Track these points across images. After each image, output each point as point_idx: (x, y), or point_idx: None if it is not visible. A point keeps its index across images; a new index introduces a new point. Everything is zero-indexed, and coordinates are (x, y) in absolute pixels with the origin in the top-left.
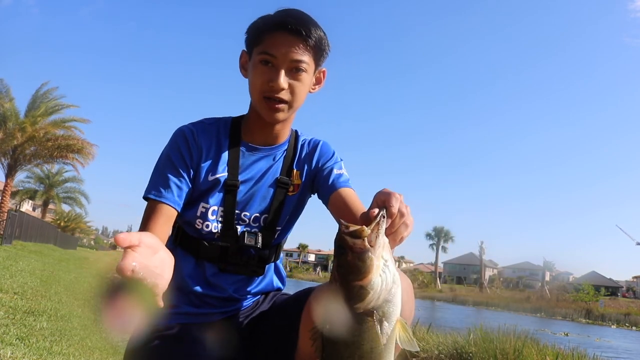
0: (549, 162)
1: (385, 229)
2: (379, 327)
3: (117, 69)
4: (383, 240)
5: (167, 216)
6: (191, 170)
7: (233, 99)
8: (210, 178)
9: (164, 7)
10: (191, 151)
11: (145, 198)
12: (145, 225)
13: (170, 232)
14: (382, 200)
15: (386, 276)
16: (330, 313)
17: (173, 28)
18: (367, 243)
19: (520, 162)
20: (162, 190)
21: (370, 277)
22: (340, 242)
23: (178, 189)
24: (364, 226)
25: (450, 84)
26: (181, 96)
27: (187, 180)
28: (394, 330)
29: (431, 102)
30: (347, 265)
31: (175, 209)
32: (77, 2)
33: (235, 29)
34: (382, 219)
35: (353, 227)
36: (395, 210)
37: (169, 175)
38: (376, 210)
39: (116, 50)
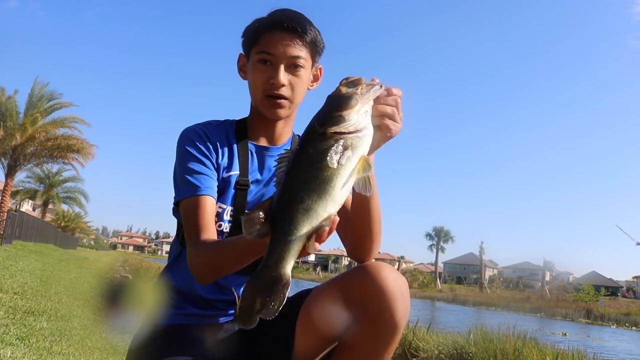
0: (549, 162)
1: (376, 99)
2: (341, 150)
3: (119, 70)
4: (371, 96)
5: (213, 210)
6: (214, 163)
7: (237, 100)
8: (225, 175)
9: (167, 9)
10: (208, 146)
11: (178, 202)
12: (198, 227)
13: None
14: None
15: (362, 118)
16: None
17: (176, 29)
18: (358, 90)
19: (520, 162)
20: (198, 183)
21: (350, 112)
22: (337, 88)
23: (211, 179)
24: (362, 77)
25: (451, 83)
26: (182, 98)
27: (215, 171)
28: (352, 162)
29: (431, 102)
30: (335, 98)
31: (215, 199)
32: (83, 4)
33: (232, 31)
34: (378, 86)
35: (352, 77)
36: (390, 90)
37: (198, 168)
38: (377, 79)
39: (119, 51)
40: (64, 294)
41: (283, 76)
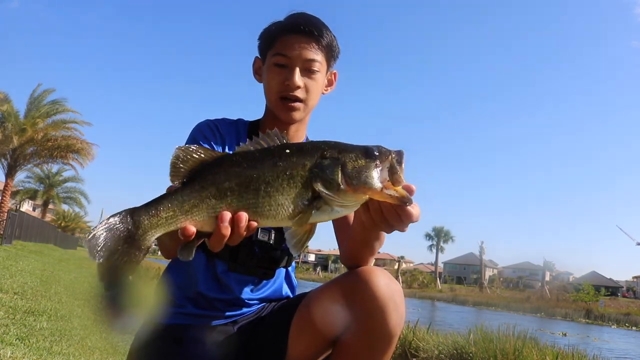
0: (549, 162)
1: (392, 204)
2: (307, 202)
3: (122, 71)
4: (385, 198)
5: None
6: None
7: (237, 106)
8: None
9: (169, 11)
10: (215, 137)
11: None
12: None
13: None
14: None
15: (354, 204)
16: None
17: (178, 33)
18: (383, 182)
19: (520, 162)
20: None
21: (352, 193)
22: (384, 149)
23: None
24: (404, 183)
25: (453, 87)
26: (184, 99)
27: None
28: (306, 219)
29: (432, 103)
30: (364, 168)
31: None
32: (84, 6)
33: (241, 36)
34: (403, 200)
35: (402, 172)
36: (403, 209)
37: None
38: (413, 192)
39: (121, 52)
40: (64, 294)
41: (298, 78)
